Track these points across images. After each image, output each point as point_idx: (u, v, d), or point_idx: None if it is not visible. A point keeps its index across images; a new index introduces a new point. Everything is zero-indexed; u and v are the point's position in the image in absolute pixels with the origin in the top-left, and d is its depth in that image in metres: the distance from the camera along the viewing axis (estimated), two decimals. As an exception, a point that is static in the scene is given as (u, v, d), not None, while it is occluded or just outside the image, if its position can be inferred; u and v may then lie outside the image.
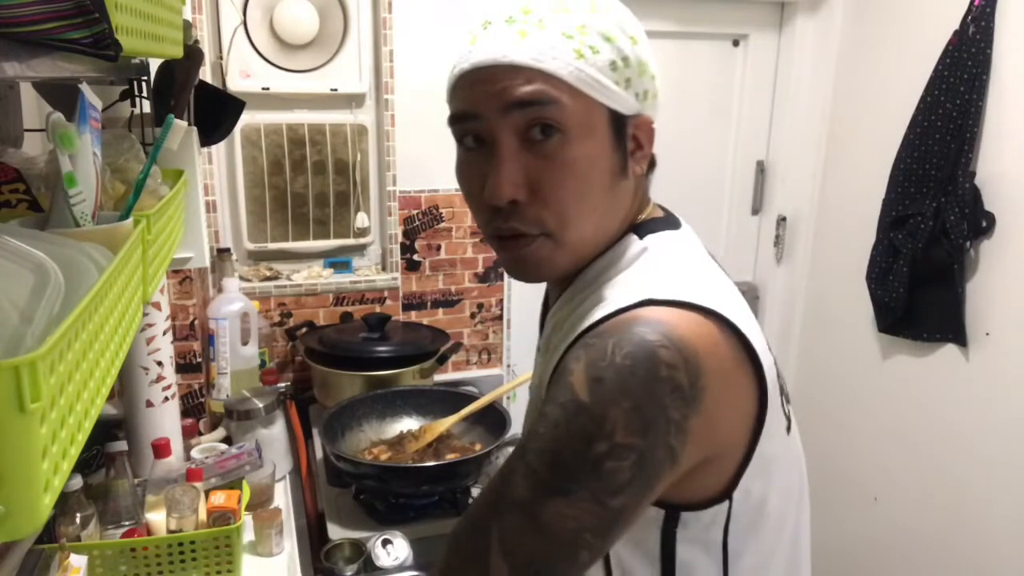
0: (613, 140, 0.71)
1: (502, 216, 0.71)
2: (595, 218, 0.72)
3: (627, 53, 0.70)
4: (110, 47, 0.54)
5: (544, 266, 0.74)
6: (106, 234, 0.68)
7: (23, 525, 0.40)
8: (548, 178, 0.69)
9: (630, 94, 0.71)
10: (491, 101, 0.69)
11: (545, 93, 0.67)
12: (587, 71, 0.68)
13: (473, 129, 0.71)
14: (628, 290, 0.70)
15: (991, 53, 1.89)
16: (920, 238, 1.99)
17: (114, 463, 1.29)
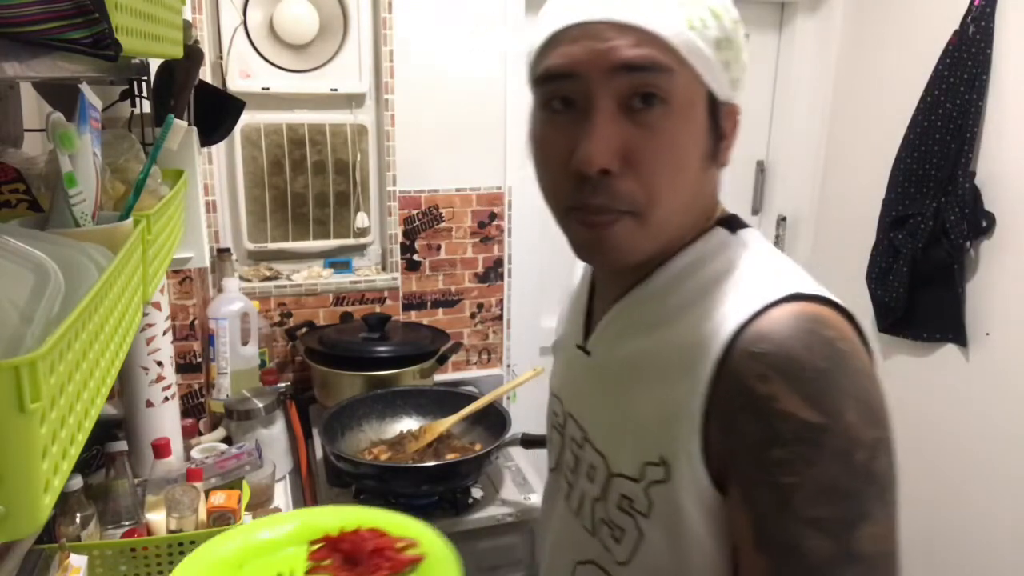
0: (708, 122, 0.66)
1: (589, 187, 0.65)
2: (684, 200, 0.67)
3: (731, 34, 0.65)
4: (110, 47, 0.54)
5: (625, 250, 0.67)
6: (106, 234, 0.68)
7: (23, 525, 0.40)
8: (645, 149, 0.64)
9: (727, 78, 0.66)
10: (596, 60, 0.62)
11: (657, 59, 0.62)
12: (697, 43, 0.63)
13: (566, 90, 0.65)
14: (761, 285, 0.65)
15: (991, 53, 1.89)
16: (920, 238, 1.99)
17: (114, 463, 1.29)
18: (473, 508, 1.59)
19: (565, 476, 0.82)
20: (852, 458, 0.58)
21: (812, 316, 0.61)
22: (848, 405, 0.58)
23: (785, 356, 0.59)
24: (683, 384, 0.65)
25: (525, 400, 2.34)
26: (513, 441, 1.61)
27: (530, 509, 1.59)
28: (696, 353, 0.64)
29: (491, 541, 1.59)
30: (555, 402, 0.87)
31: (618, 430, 0.72)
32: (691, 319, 0.67)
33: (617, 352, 0.74)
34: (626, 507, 0.70)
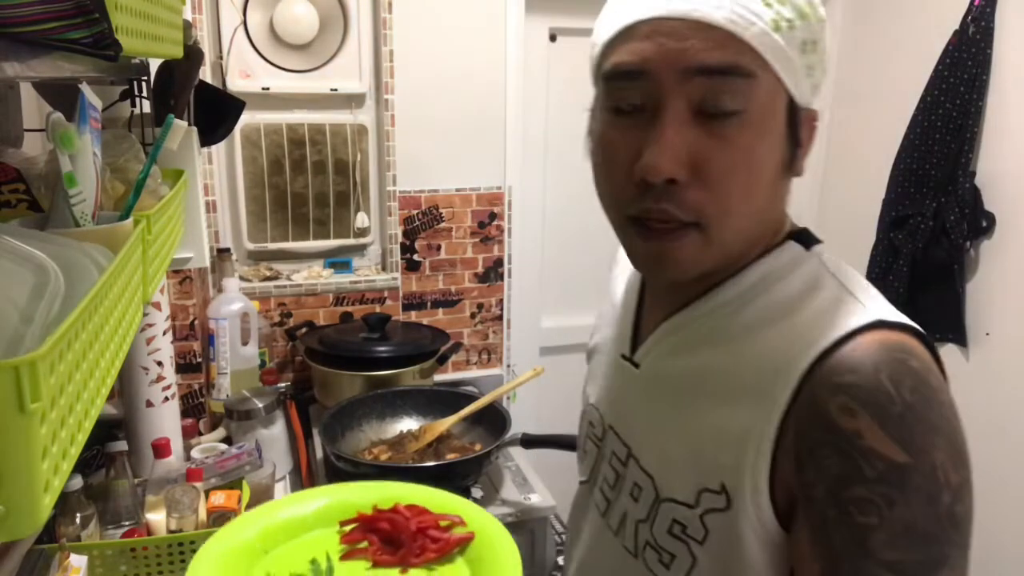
0: (787, 131, 0.62)
1: (652, 196, 0.60)
2: (755, 214, 0.63)
3: (817, 36, 0.61)
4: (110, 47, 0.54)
5: (689, 265, 0.63)
6: (106, 234, 0.68)
7: (23, 525, 0.40)
8: (717, 160, 0.59)
9: (810, 83, 0.62)
10: (670, 61, 0.58)
11: (738, 63, 0.57)
12: (783, 46, 0.58)
13: (635, 90, 0.61)
14: (844, 309, 0.61)
15: (991, 53, 1.89)
16: (920, 238, 1.99)
17: (114, 463, 1.29)
18: (473, 508, 1.59)
19: (602, 490, 0.78)
20: (937, 500, 0.55)
21: (899, 346, 0.58)
22: (936, 444, 0.55)
23: (872, 390, 0.56)
24: (753, 409, 0.61)
25: (525, 400, 2.34)
26: (513, 441, 1.61)
27: (530, 509, 1.59)
28: (771, 377, 0.60)
29: (491, 541, 1.58)
30: (592, 412, 0.82)
31: (670, 452, 0.68)
32: (765, 339, 0.63)
33: (672, 367, 0.70)
34: (678, 533, 0.66)
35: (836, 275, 0.65)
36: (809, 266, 0.66)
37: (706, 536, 0.64)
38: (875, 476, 0.55)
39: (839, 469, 0.56)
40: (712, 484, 0.63)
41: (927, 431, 0.55)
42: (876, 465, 0.55)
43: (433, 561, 0.69)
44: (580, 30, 2.23)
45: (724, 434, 0.63)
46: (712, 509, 0.64)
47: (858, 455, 0.55)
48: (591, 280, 2.46)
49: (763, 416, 0.60)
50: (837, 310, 0.61)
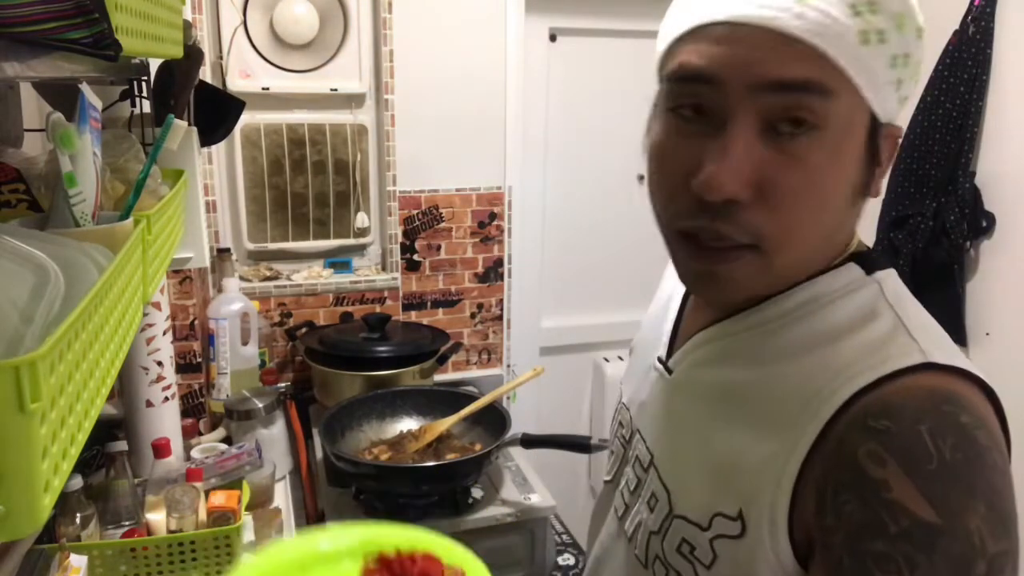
0: (866, 149, 0.57)
1: (709, 214, 0.56)
2: (820, 240, 0.59)
3: (911, 48, 0.55)
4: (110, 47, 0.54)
5: (740, 289, 0.60)
6: (106, 234, 0.68)
7: (23, 525, 0.40)
8: (785, 181, 0.54)
9: (896, 98, 0.57)
10: (742, 70, 0.53)
11: (817, 80, 0.52)
12: (869, 62, 0.53)
13: (700, 96, 0.56)
14: (893, 347, 0.56)
15: (991, 53, 1.89)
16: (920, 238, 1.99)
17: (114, 463, 1.29)
18: (473, 508, 1.59)
19: (622, 494, 0.76)
20: (968, 570, 0.49)
21: (949, 396, 0.53)
22: (973, 508, 0.50)
23: (908, 440, 0.51)
24: (780, 438, 0.57)
25: (525, 400, 2.34)
26: (513, 441, 1.61)
27: (530, 509, 1.59)
28: (802, 407, 0.56)
29: (491, 541, 1.59)
30: (623, 412, 0.80)
31: (689, 467, 0.65)
32: (802, 366, 0.58)
33: (703, 379, 0.67)
34: (686, 552, 0.63)
35: (894, 307, 0.60)
36: (865, 293, 0.61)
37: (714, 561, 0.61)
38: (898, 532, 0.50)
39: (860, 518, 0.51)
40: (727, 510, 0.60)
41: (965, 493, 0.50)
42: (900, 521, 0.50)
43: None
44: (580, 30, 2.23)
45: (745, 459, 0.59)
46: (723, 535, 0.60)
47: (881, 507, 0.51)
48: (591, 280, 2.46)
49: (788, 447, 0.56)
50: (886, 346, 0.56)
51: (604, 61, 2.28)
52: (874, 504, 0.51)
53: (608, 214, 2.40)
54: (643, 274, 2.40)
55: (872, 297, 0.60)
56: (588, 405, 2.56)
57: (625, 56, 2.27)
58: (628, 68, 2.27)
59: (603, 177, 2.37)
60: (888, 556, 0.50)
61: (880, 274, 0.62)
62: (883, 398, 0.53)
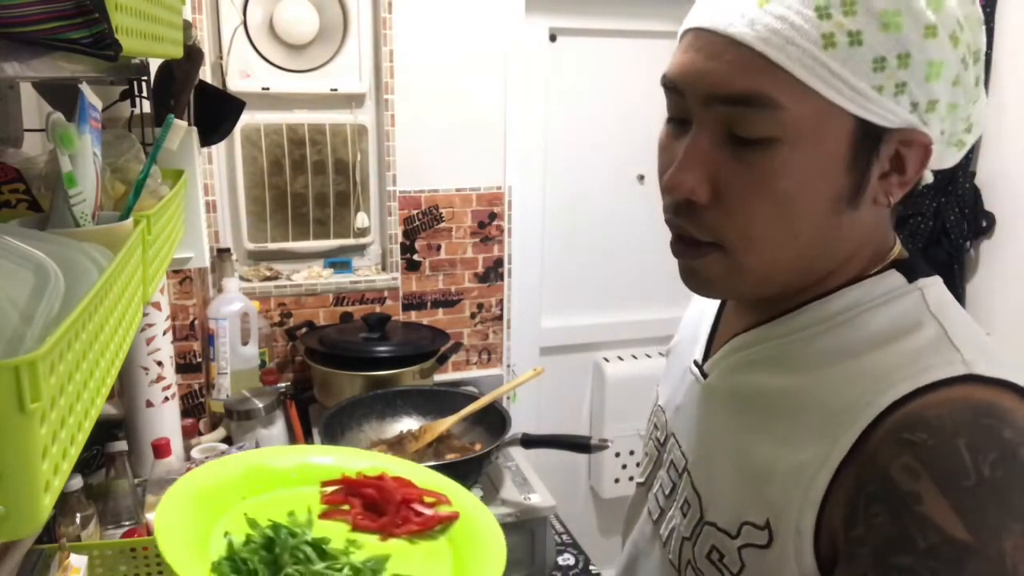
0: (850, 158, 0.55)
1: (680, 213, 0.59)
2: (795, 248, 0.58)
3: (910, 48, 0.52)
4: (110, 47, 0.54)
5: (718, 285, 0.61)
6: (106, 234, 0.68)
7: (23, 525, 0.40)
8: (740, 187, 0.55)
9: (900, 102, 0.53)
10: (697, 81, 0.55)
11: (759, 94, 0.52)
12: (833, 67, 0.51)
13: (673, 103, 0.59)
14: (935, 356, 0.54)
15: (991, 53, 1.89)
16: (920, 238, 1.99)
17: (114, 463, 1.29)
18: (473, 508, 1.59)
19: (656, 498, 0.75)
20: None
21: (991, 410, 0.51)
22: (1010, 529, 0.48)
23: (944, 454, 0.49)
24: (813, 448, 0.56)
25: (525, 400, 2.34)
26: (513, 441, 1.61)
27: (530, 509, 1.59)
28: (837, 417, 0.55)
29: (491, 541, 1.58)
30: (659, 414, 0.79)
31: (720, 474, 0.65)
32: (839, 374, 0.57)
33: (738, 384, 0.66)
34: (715, 560, 0.63)
35: (936, 315, 0.58)
36: (907, 302, 0.59)
37: (741, 570, 0.60)
38: (926, 549, 0.49)
39: (889, 531, 0.50)
40: (756, 519, 0.59)
41: (1002, 512, 0.48)
42: (930, 537, 0.49)
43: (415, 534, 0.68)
44: (580, 30, 2.23)
45: (776, 468, 0.58)
46: (751, 544, 0.60)
47: (911, 521, 0.49)
48: (591, 280, 2.46)
49: (820, 457, 0.55)
50: (926, 356, 0.55)
51: (604, 61, 2.28)
52: (904, 518, 0.50)
53: (608, 214, 2.40)
54: (643, 274, 2.41)
55: (914, 305, 0.59)
56: (588, 405, 2.56)
57: (625, 56, 2.27)
58: (628, 68, 2.27)
59: (603, 177, 2.37)
60: (914, 571, 0.49)
61: (923, 281, 0.61)
62: (921, 410, 0.52)
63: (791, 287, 0.62)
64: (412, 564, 0.64)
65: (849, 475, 0.53)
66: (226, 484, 0.70)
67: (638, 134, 2.27)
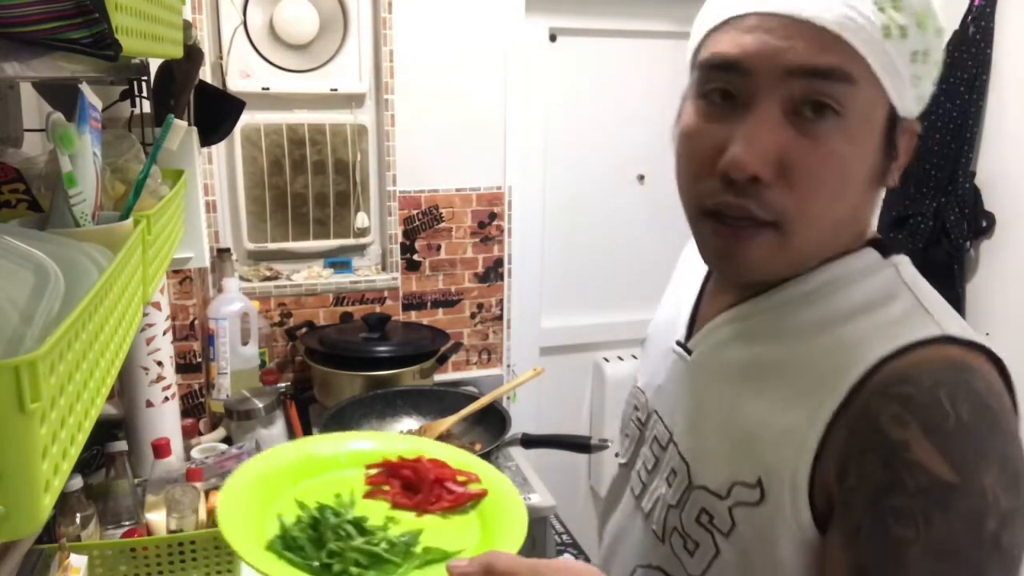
0: (883, 140, 0.60)
1: (733, 191, 0.59)
2: (837, 222, 0.62)
3: (930, 46, 0.59)
4: (110, 47, 0.54)
5: (758, 266, 0.62)
6: (106, 234, 0.68)
7: (23, 525, 0.40)
8: (807, 162, 0.58)
9: (915, 93, 0.60)
10: (771, 58, 0.57)
11: (842, 68, 0.56)
12: (891, 55, 0.57)
13: (729, 83, 0.60)
14: (912, 321, 0.59)
15: (991, 53, 1.89)
16: (920, 238, 1.99)
17: (114, 463, 1.29)
18: (473, 508, 1.59)
19: (639, 474, 0.78)
20: (981, 525, 0.53)
21: (963, 364, 0.56)
22: (987, 467, 0.53)
23: (927, 403, 0.54)
24: (802, 407, 0.60)
25: (525, 400, 2.34)
26: (513, 441, 1.61)
27: (530, 509, 1.58)
28: (824, 379, 0.59)
29: (491, 541, 1.59)
30: (638, 395, 0.82)
31: (709, 440, 0.68)
32: (825, 340, 0.61)
33: (724, 358, 0.69)
34: (705, 522, 0.66)
35: (911, 288, 0.63)
36: (883, 275, 0.64)
37: (732, 529, 0.64)
38: (917, 489, 0.53)
39: (881, 478, 0.55)
40: (747, 478, 0.62)
41: (979, 453, 0.54)
42: (919, 479, 0.53)
43: (447, 510, 0.73)
44: (580, 30, 2.23)
45: (767, 429, 0.62)
46: (742, 503, 0.63)
47: (902, 466, 0.54)
48: (591, 280, 2.46)
49: (810, 416, 0.59)
50: (905, 321, 0.59)
51: (604, 61, 2.28)
52: (895, 464, 0.54)
53: (608, 214, 2.40)
54: (643, 274, 2.41)
55: (889, 279, 0.64)
56: (588, 405, 2.56)
57: (625, 56, 2.27)
58: (628, 68, 2.27)
59: (603, 177, 2.37)
60: (906, 511, 0.53)
61: (896, 258, 0.66)
62: (903, 367, 0.56)
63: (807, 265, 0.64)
64: (443, 537, 0.69)
65: (840, 431, 0.57)
66: (280, 471, 0.76)
67: (638, 134, 2.27)
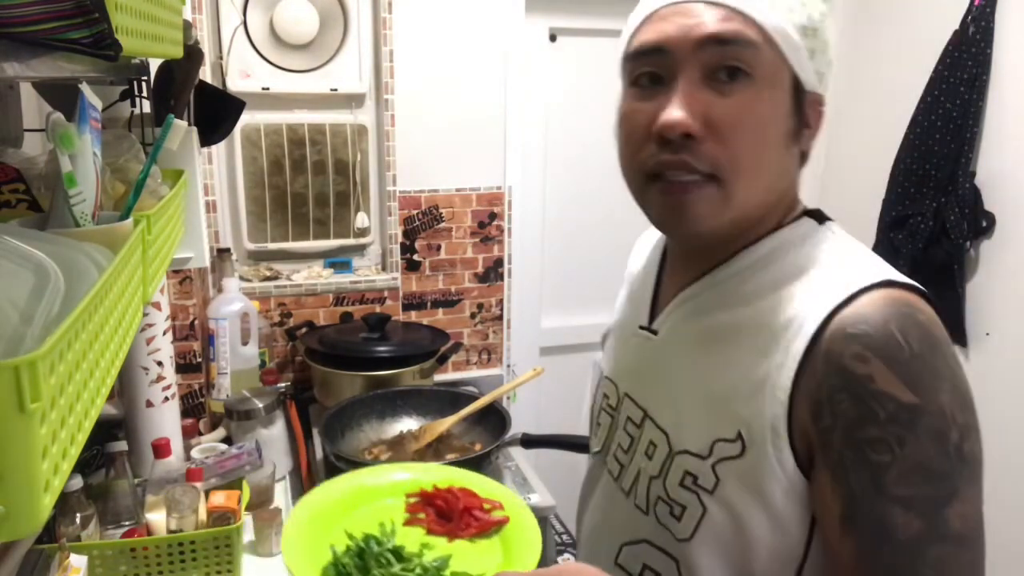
0: (791, 104, 0.68)
1: (670, 149, 0.66)
2: (767, 177, 0.69)
3: (817, 24, 0.67)
4: (110, 47, 0.54)
5: (705, 219, 0.68)
6: (106, 234, 0.68)
7: (23, 525, 0.40)
8: (728, 117, 0.65)
9: (812, 68, 0.68)
10: (685, 34, 0.66)
11: (743, 33, 0.65)
12: (782, 26, 0.65)
13: (654, 65, 0.68)
14: (854, 271, 0.66)
15: (991, 53, 1.89)
16: (920, 238, 1.99)
17: (114, 463, 1.29)
18: (473, 508, 1.59)
19: (616, 456, 0.82)
20: (946, 438, 0.59)
21: (905, 301, 0.63)
22: (942, 387, 0.60)
23: (883, 338, 0.60)
24: (769, 361, 0.66)
25: (525, 400, 2.34)
26: (513, 441, 1.61)
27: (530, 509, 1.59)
28: (785, 332, 0.65)
29: (491, 541, 1.59)
30: (608, 385, 0.87)
31: (685, 407, 0.73)
32: (779, 299, 0.68)
33: (689, 330, 0.75)
34: (689, 484, 0.70)
35: (848, 246, 0.71)
36: (821, 237, 0.71)
37: (716, 485, 0.68)
38: (887, 417, 0.59)
39: (854, 413, 0.60)
40: (726, 433, 0.67)
41: (934, 376, 0.60)
42: (887, 406, 0.59)
43: (475, 535, 0.82)
44: (580, 30, 2.23)
45: (740, 385, 0.67)
46: (725, 458, 0.67)
47: (870, 398, 0.60)
48: (591, 280, 2.46)
49: (779, 365, 0.65)
50: (848, 272, 0.66)
51: (604, 61, 2.27)
52: (863, 397, 0.60)
53: (608, 214, 2.39)
54: (643, 274, 2.40)
55: (827, 240, 0.71)
56: (588, 405, 2.56)
57: (625, 56, 2.27)
58: (628, 68, 2.27)
59: (603, 177, 2.35)
60: (881, 439, 0.60)
61: (830, 224, 0.74)
62: (855, 310, 0.62)
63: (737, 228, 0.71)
64: (470, 561, 0.78)
65: (808, 376, 0.63)
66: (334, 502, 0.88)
67: (638, 134, 2.27)
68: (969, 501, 0.60)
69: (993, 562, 2.06)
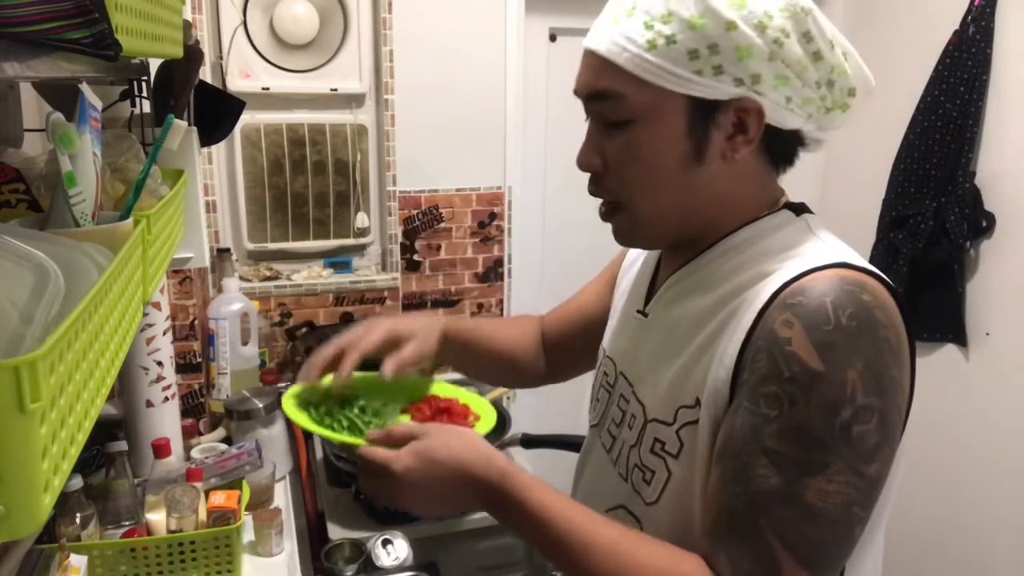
0: (687, 127, 0.71)
1: (591, 183, 0.78)
2: (665, 198, 0.75)
3: (716, 40, 0.68)
4: (110, 47, 0.54)
5: (627, 235, 0.80)
6: (106, 234, 0.68)
7: (23, 525, 0.40)
8: (617, 154, 0.75)
9: (723, 80, 0.69)
10: (581, 88, 0.76)
11: (608, 89, 0.72)
12: (656, 62, 0.69)
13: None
14: (815, 254, 0.70)
15: (991, 53, 1.89)
16: (920, 238, 1.99)
17: (114, 463, 1.29)
18: (473, 508, 1.59)
19: (609, 430, 0.88)
20: (835, 412, 0.61)
21: (854, 281, 0.65)
22: (853, 364, 0.62)
23: (813, 308, 0.63)
24: (727, 334, 0.70)
25: (525, 400, 2.34)
26: (513, 441, 1.61)
27: (530, 509, 1.59)
28: (739, 305, 0.70)
29: (491, 541, 1.59)
30: (607, 363, 0.93)
31: (661, 380, 0.78)
32: (743, 280, 0.72)
33: (672, 312, 0.81)
34: (658, 450, 0.76)
35: (818, 235, 0.74)
36: (795, 227, 0.75)
37: (680, 450, 0.73)
38: (789, 376, 0.63)
39: (765, 369, 0.65)
40: (687, 401, 0.73)
41: (851, 351, 0.62)
42: (792, 367, 0.63)
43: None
44: (580, 30, 2.22)
45: (702, 356, 0.73)
46: (687, 423, 0.73)
47: (782, 358, 0.64)
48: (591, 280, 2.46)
49: (730, 336, 0.69)
50: (808, 254, 0.70)
51: (604, 61, 2.28)
52: (776, 357, 0.64)
53: (608, 214, 2.40)
54: (643, 274, 2.40)
55: (799, 230, 0.75)
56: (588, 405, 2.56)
57: (625, 56, 2.27)
58: (628, 68, 2.27)
59: (603, 177, 2.37)
60: (775, 395, 0.63)
61: (807, 216, 0.78)
62: (800, 284, 0.66)
63: (693, 230, 0.78)
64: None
65: (749, 342, 0.67)
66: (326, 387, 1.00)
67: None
68: (836, 482, 0.61)
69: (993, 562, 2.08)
